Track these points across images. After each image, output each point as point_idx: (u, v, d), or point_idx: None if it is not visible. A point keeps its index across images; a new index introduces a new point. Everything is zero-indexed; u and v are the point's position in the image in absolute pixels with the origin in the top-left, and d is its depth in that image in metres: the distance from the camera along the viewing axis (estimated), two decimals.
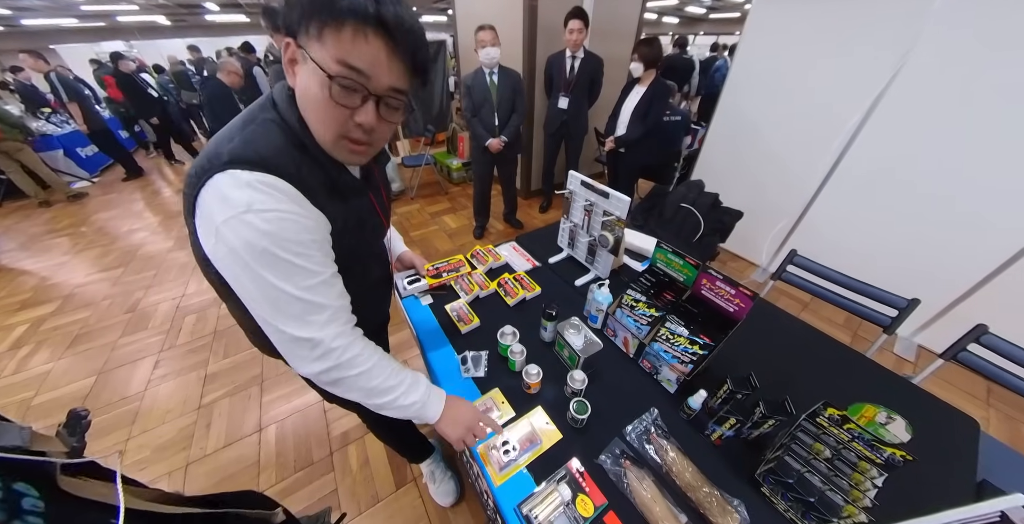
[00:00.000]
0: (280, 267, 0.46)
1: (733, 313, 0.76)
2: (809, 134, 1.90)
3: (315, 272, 0.49)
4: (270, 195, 0.44)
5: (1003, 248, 1.47)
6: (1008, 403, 1.57)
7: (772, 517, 0.61)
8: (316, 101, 0.44)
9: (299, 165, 0.47)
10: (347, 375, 0.54)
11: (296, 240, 0.46)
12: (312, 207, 0.49)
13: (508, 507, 0.63)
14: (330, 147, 0.49)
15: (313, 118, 0.47)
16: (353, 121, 0.45)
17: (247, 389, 1.65)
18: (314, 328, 0.50)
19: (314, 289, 0.49)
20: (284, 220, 0.45)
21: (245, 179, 0.44)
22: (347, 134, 0.47)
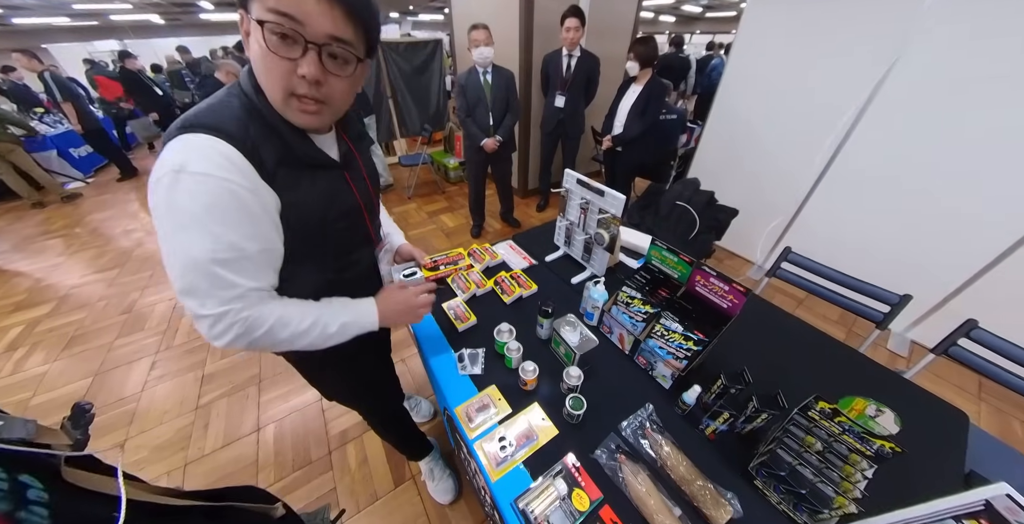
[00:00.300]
0: (198, 232, 0.44)
1: (727, 309, 0.77)
2: (804, 132, 1.91)
3: (235, 246, 0.46)
4: (207, 158, 0.44)
5: (993, 244, 1.49)
6: (998, 397, 1.59)
7: (765, 509, 0.62)
8: (258, 59, 0.44)
9: (247, 129, 0.47)
10: (255, 337, 0.52)
11: (222, 207, 0.44)
12: (256, 177, 0.47)
13: (505, 502, 0.64)
14: (281, 107, 0.48)
15: (263, 79, 0.46)
16: (297, 75, 0.44)
17: (245, 389, 1.65)
18: (215, 304, 0.48)
19: (231, 264, 0.47)
20: (215, 184, 0.44)
21: (191, 141, 0.44)
22: (294, 90, 0.45)
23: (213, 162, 0.44)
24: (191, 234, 0.45)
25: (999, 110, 1.38)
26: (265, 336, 0.53)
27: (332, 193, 0.58)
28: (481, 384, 0.84)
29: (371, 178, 0.70)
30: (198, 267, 0.46)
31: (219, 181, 0.44)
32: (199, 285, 0.47)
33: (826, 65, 1.76)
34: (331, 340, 0.60)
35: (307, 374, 0.86)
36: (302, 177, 0.53)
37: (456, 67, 3.64)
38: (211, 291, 0.47)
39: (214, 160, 0.44)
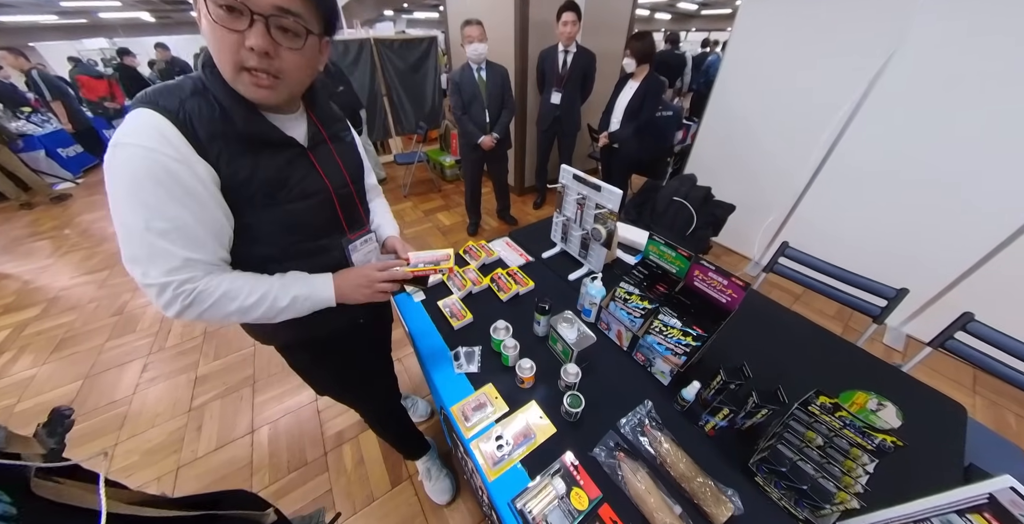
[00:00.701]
0: (130, 201, 0.46)
1: (726, 304, 0.76)
2: (800, 128, 1.91)
3: (168, 215, 0.47)
4: (137, 130, 0.46)
5: (988, 238, 1.50)
6: (993, 389, 1.60)
7: (766, 505, 0.61)
8: (207, 33, 0.45)
9: (182, 103, 0.48)
10: (202, 309, 0.52)
11: (154, 178, 0.46)
12: (188, 148, 0.48)
13: (502, 502, 0.63)
14: (232, 81, 0.48)
15: (215, 56, 0.47)
16: (245, 47, 0.44)
17: (239, 390, 1.63)
18: (157, 273, 0.48)
19: (167, 234, 0.48)
20: (142, 155, 0.45)
21: (130, 117, 0.47)
22: (243, 63, 0.45)
23: (143, 134, 0.46)
24: (126, 203, 0.47)
25: (992, 106, 1.39)
26: (213, 309, 0.53)
27: (288, 172, 0.57)
28: (478, 382, 0.83)
29: (347, 164, 0.68)
30: (134, 236, 0.47)
31: (147, 151, 0.45)
32: (138, 254, 0.48)
33: (821, 62, 1.76)
34: (284, 313, 0.59)
35: (299, 368, 0.84)
36: (245, 153, 0.52)
37: (451, 64, 3.61)
38: (151, 260, 0.48)
39: (144, 132, 0.46)
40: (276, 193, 0.56)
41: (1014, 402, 1.55)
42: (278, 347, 0.79)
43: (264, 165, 0.54)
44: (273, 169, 0.55)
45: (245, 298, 0.55)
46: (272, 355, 1.82)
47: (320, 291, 0.61)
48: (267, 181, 0.54)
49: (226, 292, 0.53)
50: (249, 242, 0.57)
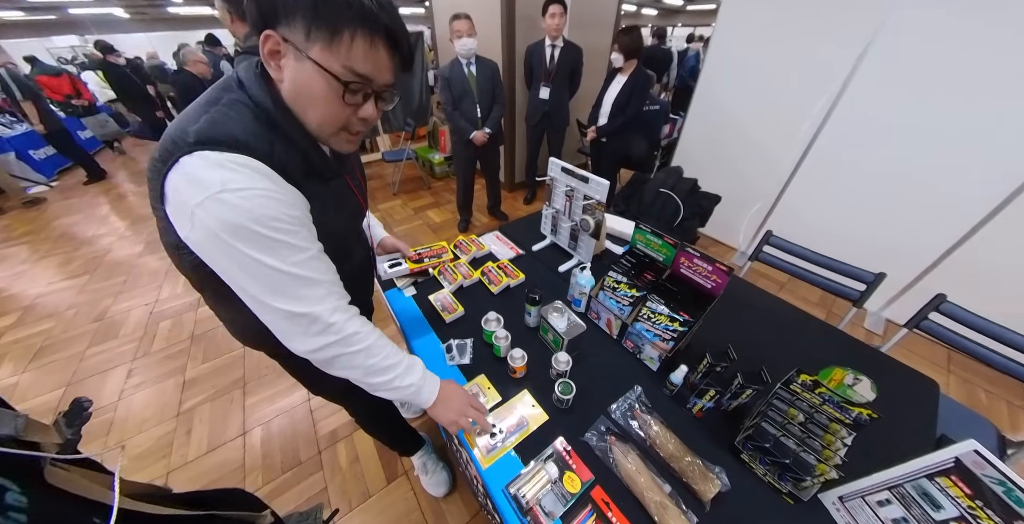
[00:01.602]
0: (264, 244, 0.45)
1: (711, 289, 0.78)
2: (782, 120, 1.95)
3: (302, 248, 0.49)
4: (243, 174, 0.44)
5: (960, 224, 1.56)
6: (965, 368, 1.68)
7: (751, 481, 0.63)
8: (321, 99, 0.46)
9: (272, 145, 0.47)
10: (346, 352, 0.54)
11: (275, 216, 0.46)
12: (288, 185, 0.48)
13: (496, 489, 0.63)
14: (327, 138, 0.51)
15: (314, 113, 0.48)
16: (356, 116, 0.48)
17: (229, 393, 1.60)
18: (310, 303, 0.50)
19: (304, 264, 0.49)
20: (261, 197, 0.44)
21: (215, 159, 0.43)
22: (350, 128, 0.50)
23: (248, 177, 0.44)
24: (258, 247, 0.45)
25: (961, 99, 1.44)
26: (352, 356, 0.55)
27: (342, 196, 0.62)
28: (470, 374, 0.84)
29: (361, 173, 0.73)
30: (278, 274, 0.47)
31: (262, 192, 0.44)
32: (285, 286, 0.48)
33: (801, 55, 1.79)
34: (391, 392, 0.61)
35: (293, 370, 0.84)
36: (317, 184, 0.54)
37: (438, 61, 3.57)
38: (299, 290, 0.49)
39: (248, 174, 0.44)
40: (338, 218, 0.60)
41: (985, 379, 1.63)
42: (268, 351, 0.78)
43: (332, 191, 0.58)
44: (335, 193, 0.59)
45: (381, 360, 0.58)
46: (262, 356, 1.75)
47: (426, 392, 0.64)
48: (335, 206, 0.58)
49: (371, 346, 0.56)
50: None
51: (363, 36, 0.42)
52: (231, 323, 0.68)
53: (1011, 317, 1.01)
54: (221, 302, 0.60)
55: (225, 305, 0.59)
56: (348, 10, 0.40)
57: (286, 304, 0.49)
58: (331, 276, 0.54)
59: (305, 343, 0.52)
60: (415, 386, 0.62)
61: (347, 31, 0.41)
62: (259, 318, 0.51)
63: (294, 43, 0.42)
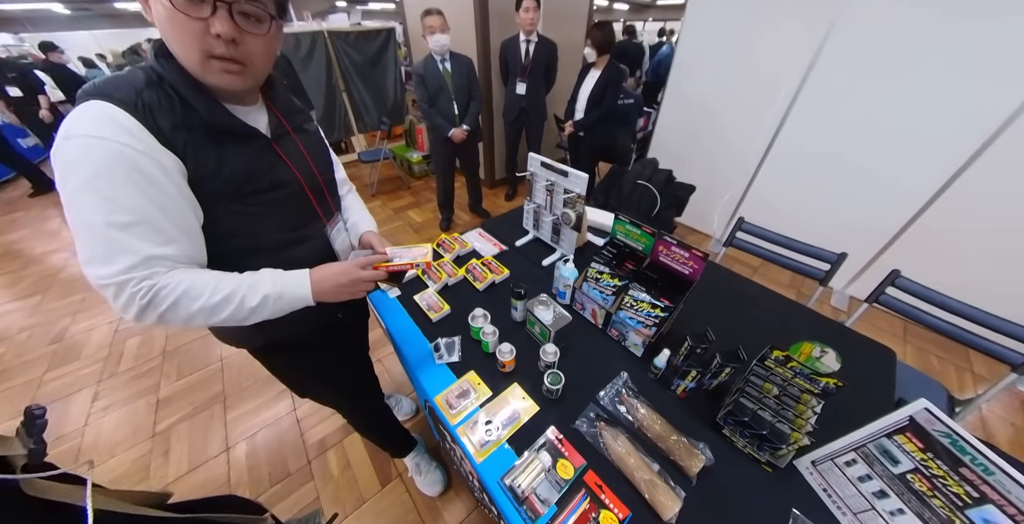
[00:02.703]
0: (88, 195, 0.43)
1: (689, 275, 0.81)
2: (750, 112, 2.03)
3: (130, 208, 0.44)
4: (93, 121, 0.43)
5: (911, 204, 1.68)
6: (919, 337, 1.82)
7: (733, 454, 0.66)
8: (166, 22, 0.43)
9: (139, 94, 0.46)
10: (162, 309, 0.47)
11: (112, 169, 0.43)
12: (152, 139, 0.46)
13: (492, 481, 0.64)
14: (200, 72, 0.47)
15: (173, 43, 0.46)
16: (211, 35, 0.43)
17: (208, 408, 1.53)
18: (114, 271, 0.45)
19: (129, 228, 0.45)
20: (101, 146, 0.43)
21: (80, 109, 0.44)
22: (211, 51, 0.45)
23: (99, 124, 0.43)
24: (84, 197, 0.43)
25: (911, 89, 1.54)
26: (173, 309, 0.48)
27: (255, 164, 0.55)
28: (459, 371, 0.84)
29: (313, 155, 0.67)
30: (93, 231, 0.44)
31: (106, 142, 0.43)
32: (96, 251, 0.45)
33: (765, 49, 1.87)
34: (255, 314, 0.54)
35: (277, 371, 0.81)
36: (210, 144, 0.50)
37: (412, 57, 3.50)
38: (109, 257, 0.45)
39: (100, 123, 0.43)
40: (245, 185, 0.54)
41: (936, 346, 1.78)
42: (252, 351, 0.75)
43: (231, 156, 0.52)
44: (241, 161, 0.53)
45: (209, 297, 0.50)
46: (243, 368, 1.75)
47: (294, 289, 0.56)
48: (235, 173, 0.53)
49: (187, 290, 0.48)
50: (225, 236, 0.55)
51: None
52: None
53: (957, 288, 1.09)
54: None
55: None
56: None
57: (92, 268, 0.45)
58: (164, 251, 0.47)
59: (124, 313, 0.48)
60: (274, 295, 0.54)
61: None
62: None
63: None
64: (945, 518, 0.47)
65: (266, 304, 0.54)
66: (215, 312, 0.51)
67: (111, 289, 0.46)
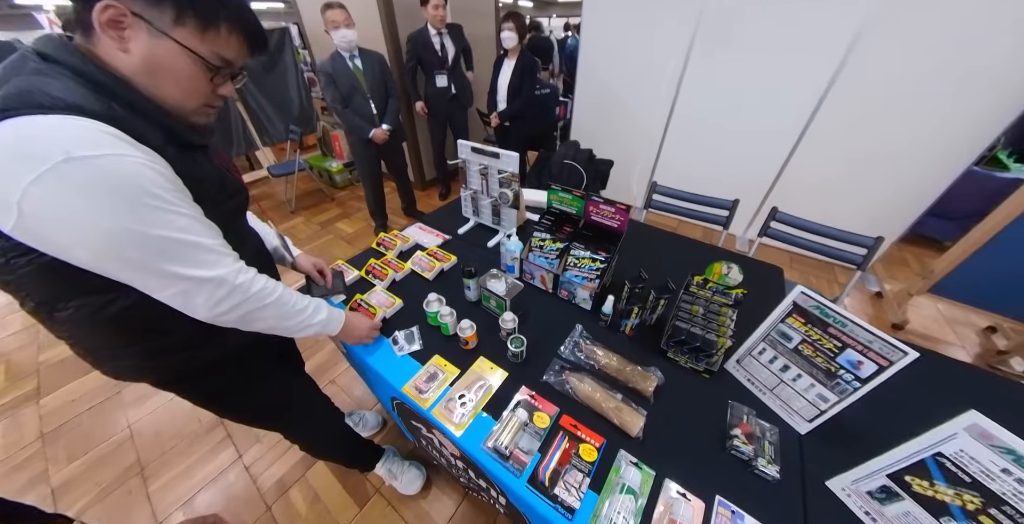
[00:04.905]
0: (143, 212, 0.41)
1: (618, 227, 0.90)
2: (649, 91, 2.30)
3: (185, 213, 0.46)
4: (88, 139, 0.38)
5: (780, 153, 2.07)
6: (802, 265, 2.27)
7: (678, 371, 0.76)
8: (187, 78, 0.47)
9: (110, 108, 0.42)
10: (259, 306, 0.55)
11: (140, 183, 0.41)
12: (148, 149, 0.44)
13: (476, 449, 0.65)
14: (189, 113, 0.51)
15: (177, 90, 0.48)
16: (216, 94, 0.51)
17: (123, 484, 1.26)
18: (210, 267, 0.48)
19: (190, 229, 0.46)
20: (116, 164, 0.39)
21: (44, 124, 0.36)
22: (211, 103, 0.53)
23: (100, 141, 0.39)
24: (131, 218, 0.40)
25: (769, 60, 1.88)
26: (270, 307, 0.56)
27: (216, 171, 0.57)
28: (423, 359, 0.82)
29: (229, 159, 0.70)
30: (163, 241, 0.43)
31: (123, 160, 0.40)
32: (179, 253, 0.45)
33: (652, 38, 2.13)
34: (309, 329, 0.65)
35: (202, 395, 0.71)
36: (182, 154, 0.50)
37: (313, 60, 3.24)
38: (194, 255, 0.47)
39: (99, 139, 0.39)
40: (217, 191, 0.56)
41: (814, 269, 2.24)
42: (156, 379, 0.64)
43: (200, 166, 0.54)
44: (208, 169, 0.55)
45: (295, 303, 0.61)
46: (160, 429, 1.46)
47: (335, 321, 0.70)
48: (208, 179, 0.54)
49: (281, 296, 0.58)
50: None
51: (229, 27, 0.47)
52: (102, 350, 0.56)
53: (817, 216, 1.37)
54: (85, 320, 0.49)
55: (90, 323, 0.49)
56: (224, 9, 0.46)
57: (188, 269, 0.46)
58: (221, 240, 0.52)
59: (213, 308, 0.50)
60: (326, 319, 0.67)
61: (224, 25, 0.46)
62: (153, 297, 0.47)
63: (149, 20, 0.42)
64: (825, 369, 0.60)
65: (319, 325, 0.66)
66: (293, 315, 0.61)
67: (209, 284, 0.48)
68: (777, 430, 0.65)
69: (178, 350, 0.59)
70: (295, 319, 0.61)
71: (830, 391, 0.61)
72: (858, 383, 0.57)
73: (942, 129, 1.68)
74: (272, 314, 0.57)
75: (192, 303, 0.49)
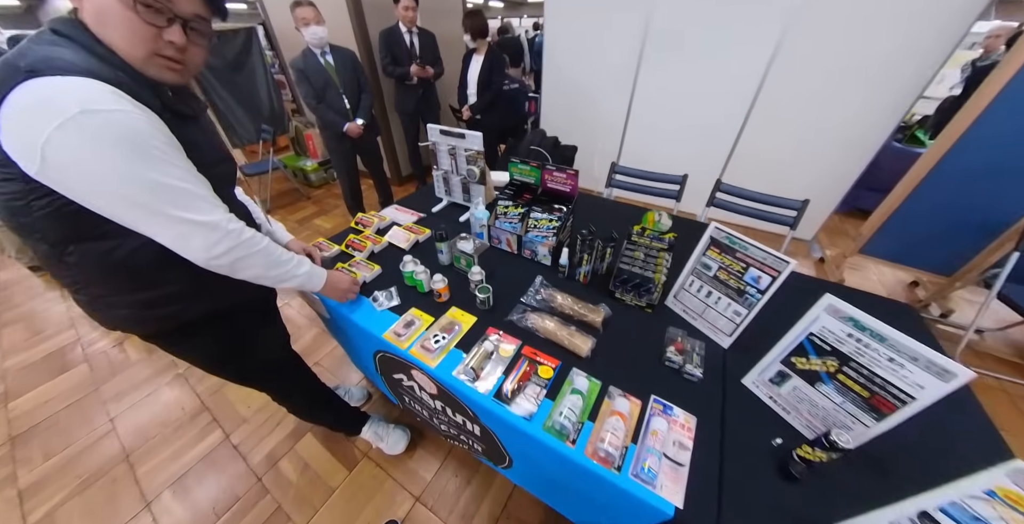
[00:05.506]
0: (143, 159, 0.47)
1: (570, 191, 1.01)
2: (609, 83, 2.46)
3: (179, 165, 0.51)
4: (102, 97, 0.44)
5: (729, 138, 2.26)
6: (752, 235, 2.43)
7: (625, 308, 0.88)
8: (120, 20, 0.47)
9: (117, 76, 0.47)
10: (249, 253, 0.59)
11: (147, 134, 0.47)
12: (151, 112, 0.49)
13: (449, 376, 0.73)
14: (142, 64, 0.50)
15: (119, 37, 0.48)
16: (163, 39, 0.49)
17: (107, 473, 1.26)
18: (206, 212, 0.53)
19: (187, 179, 0.52)
20: (126, 118, 0.45)
21: (62, 84, 0.43)
22: (159, 51, 0.50)
23: (107, 100, 0.44)
24: (137, 164, 0.47)
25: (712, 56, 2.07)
26: (254, 257, 0.60)
27: (207, 138, 0.63)
28: (401, 311, 0.90)
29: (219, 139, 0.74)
30: (164, 186, 0.49)
31: (125, 114, 0.45)
32: (178, 198, 0.50)
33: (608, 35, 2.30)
34: (292, 280, 0.69)
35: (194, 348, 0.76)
36: (175, 119, 0.54)
37: (282, 60, 3.24)
38: (193, 201, 0.52)
39: (109, 97, 0.45)
40: (209, 155, 0.61)
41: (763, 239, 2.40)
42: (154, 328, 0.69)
43: (191, 131, 0.58)
44: (199, 134, 0.60)
45: (280, 254, 0.65)
46: (144, 418, 1.47)
47: (317, 276, 0.75)
48: (200, 143, 0.59)
49: (268, 246, 0.62)
50: None
51: None
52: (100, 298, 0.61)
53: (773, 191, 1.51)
54: (88, 266, 0.55)
55: (93, 269, 0.55)
56: None
57: (186, 213, 0.51)
58: (212, 193, 0.57)
59: (208, 250, 0.54)
60: (307, 273, 0.72)
61: None
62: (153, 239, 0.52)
63: None
64: (736, 288, 0.73)
65: (302, 277, 0.71)
66: (275, 267, 0.65)
67: (205, 228, 0.53)
68: (704, 345, 0.78)
69: (168, 303, 0.64)
70: (280, 268, 0.66)
71: (741, 306, 0.73)
72: (760, 295, 0.70)
73: (859, 112, 1.91)
74: (260, 262, 0.61)
75: (190, 245, 0.53)
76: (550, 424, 0.64)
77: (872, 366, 0.53)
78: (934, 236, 1.68)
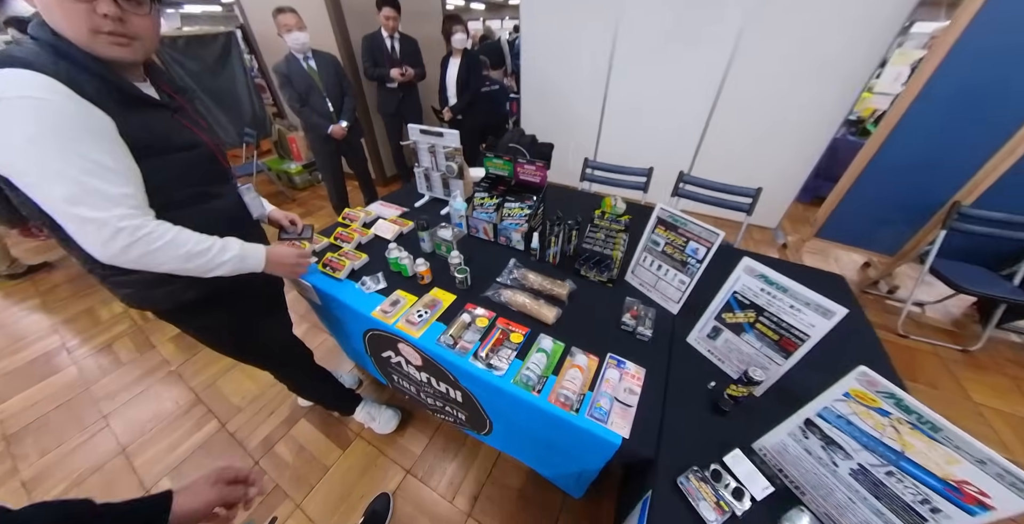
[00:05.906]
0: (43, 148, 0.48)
1: (539, 182, 1.11)
2: (585, 83, 2.59)
3: (92, 159, 0.51)
4: (21, 85, 0.47)
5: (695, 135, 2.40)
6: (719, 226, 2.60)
7: (588, 284, 0.98)
8: (55, 4, 0.48)
9: (56, 64, 0.50)
10: (152, 248, 0.56)
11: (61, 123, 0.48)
12: (81, 99, 0.50)
13: (432, 344, 0.82)
14: (88, 44, 0.52)
15: (60, 21, 0.50)
16: (97, 14, 0.50)
17: (104, 466, 1.30)
18: (99, 209, 0.51)
19: (92, 173, 0.51)
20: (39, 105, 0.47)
21: None
22: (98, 28, 0.51)
23: (32, 87, 0.47)
24: (42, 152, 0.48)
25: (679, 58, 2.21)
26: (158, 252, 0.57)
27: (166, 128, 0.64)
28: (387, 294, 0.98)
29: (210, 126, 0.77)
30: (63, 176, 0.49)
31: (45, 102, 0.47)
32: (71, 191, 0.50)
33: (581, 38, 2.42)
34: (220, 268, 0.66)
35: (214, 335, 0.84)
36: (127, 108, 0.56)
37: (262, 65, 3.27)
38: (84, 197, 0.51)
39: (32, 84, 0.47)
40: (164, 143, 0.61)
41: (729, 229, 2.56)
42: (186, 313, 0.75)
43: (147, 119, 0.59)
44: (156, 123, 0.61)
45: (193, 245, 0.61)
46: (138, 414, 1.51)
47: (252, 257, 0.70)
48: (153, 132, 0.60)
49: (174, 239, 0.59)
50: (150, 191, 0.60)
51: None
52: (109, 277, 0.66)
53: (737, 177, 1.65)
54: None
55: None
56: None
57: (74, 208, 0.50)
58: (129, 191, 0.55)
59: (104, 247, 0.53)
60: (237, 256, 0.67)
61: None
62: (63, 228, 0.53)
63: None
64: (680, 260, 0.84)
65: (231, 263, 0.66)
66: (193, 258, 0.61)
67: (91, 225, 0.51)
68: (656, 312, 0.88)
69: (161, 284, 0.68)
70: (200, 259, 0.62)
71: (685, 275, 0.84)
72: (699, 264, 0.81)
73: (810, 108, 2.08)
74: (170, 255, 0.58)
75: (87, 241, 0.53)
76: (518, 378, 0.73)
77: (780, 313, 0.64)
78: (879, 219, 1.85)
